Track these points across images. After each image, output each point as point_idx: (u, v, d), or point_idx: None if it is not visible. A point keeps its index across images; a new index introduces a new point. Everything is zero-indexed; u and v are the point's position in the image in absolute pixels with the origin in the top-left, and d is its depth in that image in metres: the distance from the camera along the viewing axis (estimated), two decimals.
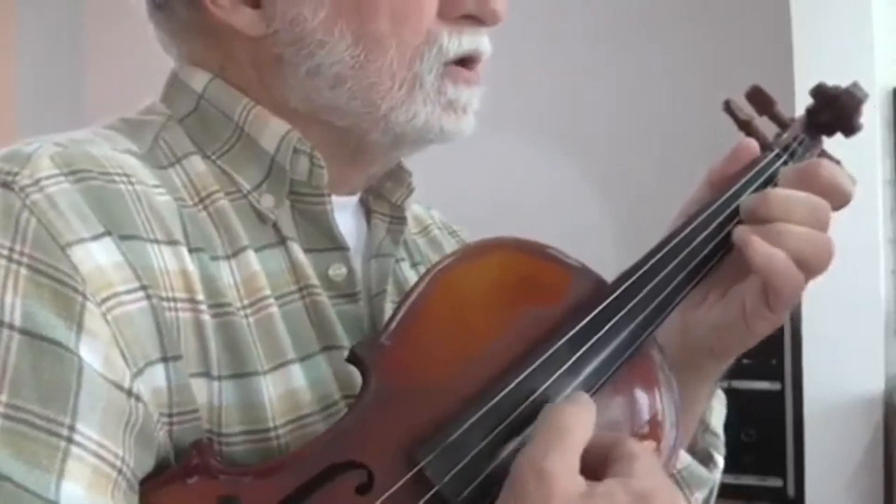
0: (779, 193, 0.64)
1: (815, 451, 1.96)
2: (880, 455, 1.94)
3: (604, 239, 2.44)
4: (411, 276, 0.72)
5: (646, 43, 2.49)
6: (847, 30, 1.95)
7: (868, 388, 1.93)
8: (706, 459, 0.75)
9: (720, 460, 0.76)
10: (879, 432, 1.94)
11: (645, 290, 0.61)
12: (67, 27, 3.06)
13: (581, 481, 0.50)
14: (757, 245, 0.62)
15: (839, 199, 0.65)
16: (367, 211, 0.71)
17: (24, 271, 0.50)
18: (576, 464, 0.50)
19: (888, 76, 2.00)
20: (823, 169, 0.65)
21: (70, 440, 0.48)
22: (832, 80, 0.73)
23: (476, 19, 0.63)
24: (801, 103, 0.73)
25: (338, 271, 0.64)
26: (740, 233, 0.63)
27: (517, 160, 2.51)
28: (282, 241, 0.62)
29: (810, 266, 0.63)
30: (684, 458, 0.72)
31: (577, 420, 0.52)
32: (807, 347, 1.93)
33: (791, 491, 2.04)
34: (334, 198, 0.64)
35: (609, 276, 0.64)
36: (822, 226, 0.64)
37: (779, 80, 2.01)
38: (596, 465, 0.52)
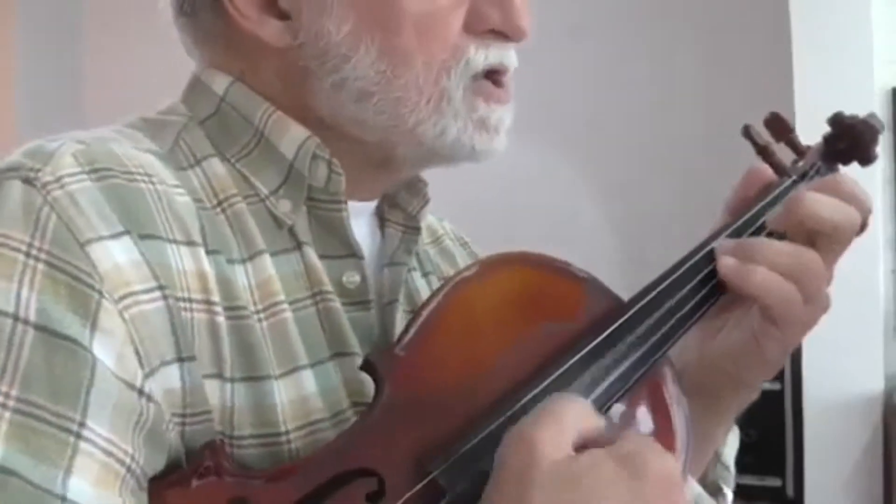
0: (809, 196, 0.64)
1: (815, 450, 1.96)
2: (879, 455, 1.94)
3: (601, 236, 2.45)
4: (422, 286, 0.72)
5: (646, 44, 2.49)
6: (846, 30, 1.95)
7: (867, 387, 1.93)
8: (716, 492, 0.75)
9: (729, 495, 0.76)
10: (879, 432, 1.94)
11: (660, 311, 0.61)
12: (67, 29, 3.06)
13: (566, 451, 0.49)
14: (725, 262, 0.62)
15: (859, 208, 0.65)
16: (381, 219, 0.71)
17: (41, 267, 0.50)
18: (566, 443, 0.50)
19: (888, 76, 2.00)
20: (842, 182, 0.65)
21: (79, 436, 0.48)
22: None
23: (502, 35, 0.63)
24: (801, 103, 0.74)
25: (351, 279, 0.64)
26: (717, 252, 0.64)
27: (515, 158, 2.50)
28: (297, 246, 0.62)
29: (798, 280, 0.62)
30: (695, 488, 0.72)
31: (571, 406, 0.52)
32: (806, 347, 1.94)
33: (790, 491, 2.05)
34: (351, 203, 0.64)
35: (610, 280, 0.64)
36: (855, 222, 0.64)
37: (778, 81, 2.01)
38: None
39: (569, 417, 0.51)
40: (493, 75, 0.64)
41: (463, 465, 0.53)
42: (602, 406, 0.57)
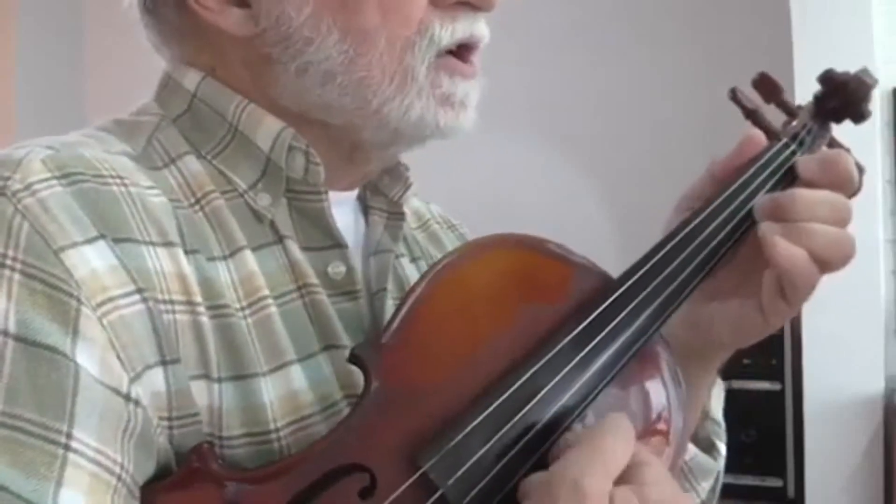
0: (804, 194, 0.63)
1: (815, 451, 1.96)
2: (880, 455, 1.94)
3: (601, 235, 2.44)
4: (411, 272, 0.71)
5: (645, 37, 2.49)
6: (847, 31, 1.95)
7: (868, 388, 1.93)
8: (709, 448, 0.75)
9: (722, 448, 0.76)
10: (879, 432, 1.94)
11: (652, 285, 0.60)
12: (68, 33, 3.06)
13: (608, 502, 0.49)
14: (782, 245, 0.61)
15: (851, 190, 0.65)
16: (364, 207, 0.70)
17: (17, 277, 0.49)
18: (609, 488, 0.50)
19: (888, 76, 2.00)
20: (843, 161, 0.65)
21: (68, 447, 0.48)
22: None
23: (470, 5, 0.62)
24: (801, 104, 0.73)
25: (337, 269, 0.63)
26: (766, 230, 0.62)
27: (515, 157, 2.51)
28: (279, 239, 0.62)
29: (830, 264, 0.62)
30: (689, 449, 0.72)
31: (621, 447, 0.51)
32: (807, 347, 1.93)
33: (791, 491, 2.04)
34: (332, 193, 0.64)
35: (608, 271, 0.63)
36: (845, 222, 0.63)
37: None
38: None
39: (618, 461, 0.51)
40: (460, 50, 0.62)
41: (454, 457, 0.52)
42: (596, 386, 0.57)
